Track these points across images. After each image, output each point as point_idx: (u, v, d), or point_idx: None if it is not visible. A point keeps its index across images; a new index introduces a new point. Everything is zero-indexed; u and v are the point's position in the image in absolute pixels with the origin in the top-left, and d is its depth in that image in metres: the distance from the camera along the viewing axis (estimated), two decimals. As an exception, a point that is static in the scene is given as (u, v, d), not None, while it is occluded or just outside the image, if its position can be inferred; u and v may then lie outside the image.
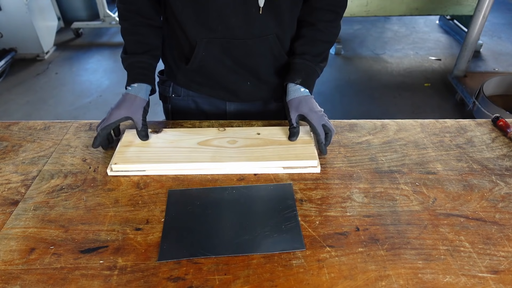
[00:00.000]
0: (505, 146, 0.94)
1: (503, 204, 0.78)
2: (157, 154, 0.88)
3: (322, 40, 0.95)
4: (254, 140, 0.92)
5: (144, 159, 0.86)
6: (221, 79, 1.00)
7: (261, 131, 0.95)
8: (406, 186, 0.82)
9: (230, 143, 0.91)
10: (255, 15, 0.86)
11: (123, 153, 0.88)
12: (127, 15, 0.93)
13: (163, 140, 0.92)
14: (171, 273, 0.65)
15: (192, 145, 0.90)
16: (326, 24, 0.94)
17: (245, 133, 0.94)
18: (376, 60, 3.57)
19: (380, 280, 0.63)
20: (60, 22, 4.04)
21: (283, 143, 0.91)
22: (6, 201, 0.79)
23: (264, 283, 0.63)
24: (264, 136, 0.93)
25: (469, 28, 2.78)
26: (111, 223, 0.74)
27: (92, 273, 0.65)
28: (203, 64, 0.96)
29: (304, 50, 0.94)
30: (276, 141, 0.91)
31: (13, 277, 0.64)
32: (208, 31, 0.89)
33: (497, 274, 0.64)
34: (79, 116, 2.78)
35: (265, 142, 0.91)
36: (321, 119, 0.88)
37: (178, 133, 0.94)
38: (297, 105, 0.90)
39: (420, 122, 1.03)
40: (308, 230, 0.72)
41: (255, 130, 0.95)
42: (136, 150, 0.89)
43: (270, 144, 0.91)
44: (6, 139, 0.98)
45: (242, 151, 0.88)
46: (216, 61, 0.95)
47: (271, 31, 0.91)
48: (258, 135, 0.93)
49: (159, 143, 0.91)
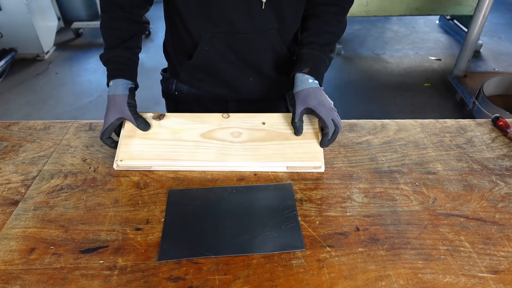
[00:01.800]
0: (505, 146, 0.94)
1: (503, 204, 0.78)
2: (160, 149, 0.87)
3: (328, 31, 0.92)
4: (258, 132, 0.89)
5: (149, 156, 0.86)
6: (223, 74, 1.00)
7: (266, 119, 0.91)
8: (406, 186, 0.82)
9: (234, 136, 0.88)
10: (258, 10, 0.86)
11: (127, 147, 0.87)
12: (108, 8, 0.90)
13: (165, 129, 0.90)
14: (171, 273, 0.65)
15: (195, 138, 0.88)
16: (332, 16, 0.92)
17: (250, 122, 0.90)
18: (376, 60, 3.57)
19: (380, 280, 0.63)
20: (60, 22, 4.04)
21: (288, 137, 0.88)
22: (6, 201, 0.80)
23: (264, 283, 0.63)
24: (269, 126, 0.90)
25: (469, 28, 2.78)
26: (111, 223, 0.74)
27: (92, 273, 0.65)
28: (206, 59, 0.96)
29: (311, 40, 0.91)
30: (282, 135, 0.88)
31: (13, 277, 0.64)
32: (211, 26, 0.89)
33: (497, 274, 0.64)
34: (79, 116, 2.78)
35: (270, 135, 0.88)
36: (330, 113, 0.84)
37: (181, 120, 0.91)
38: (304, 97, 0.85)
39: (420, 122, 1.03)
40: (308, 230, 0.72)
41: (260, 118, 0.91)
42: (139, 143, 0.88)
43: (275, 138, 0.88)
44: (6, 139, 0.98)
45: (246, 148, 0.87)
46: (219, 55, 0.95)
47: (273, 26, 0.91)
48: (263, 125, 0.90)
49: (162, 134, 0.89)
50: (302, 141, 0.87)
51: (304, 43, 0.93)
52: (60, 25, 4.07)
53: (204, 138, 0.88)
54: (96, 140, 0.97)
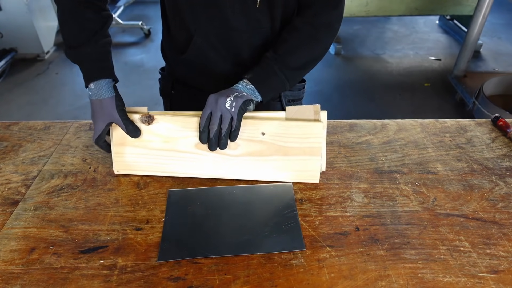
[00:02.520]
0: (505, 146, 0.94)
1: (503, 204, 0.78)
2: (153, 159, 0.85)
3: (295, 36, 0.86)
4: (257, 145, 0.82)
5: (143, 167, 0.85)
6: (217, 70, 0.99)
7: (266, 128, 0.82)
8: (406, 186, 0.82)
9: (231, 149, 0.83)
10: (252, 8, 0.85)
11: (120, 156, 0.85)
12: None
13: (157, 137, 0.84)
14: (171, 273, 0.65)
15: (189, 149, 0.83)
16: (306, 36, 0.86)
17: (248, 131, 0.82)
18: (376, 60, 3.57)
19: (380, 280, 0.63)
20: (60, 22, 4.04)
21: (288, 152, 0.82)
22: (6, 201, 0.80)
23: (264, 283, 0.63)
24: (269, 137, 0.82)
25: (469, 28, 2.78)
26: (111, 223, 0.74)
27: (92, 273, 0.65)
28: (199, 53, 0.95)
29: (274, 47, 0.87)
30: (281, 149, 0.82)
31: (13, 277, 0.64)
32: (207, 21, 0.89)
33: (497, 274, 0.64)
34: (79, 116, 2.78)
35: (269, 149, 0.82)
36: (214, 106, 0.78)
37: (172, 126, 0.83)
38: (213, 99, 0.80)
39: (420, 122, 1.03)
40: (308, 230, 0.73)
41: (260, 126, 0.82)
42: (132, 152, 0.85)
43: (274, 153, 0.82)
44: (6, 139, 0.98)
45: (243, 163, 0.83)
46: (213, 50, 0.94)
47: (266, 25, 0.90)
48: (263, 135, 0.82)
49: (154, 142, 0.84)
50: (302, 157, 0.82)
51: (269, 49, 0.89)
52: (60, 25, 4.07)
53: (198, 150, 0.83)
54: (96, 140, 0.97)
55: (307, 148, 0.82)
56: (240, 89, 0.82)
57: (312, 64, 0.90)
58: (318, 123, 0.81)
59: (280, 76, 0.85)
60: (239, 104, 0.78)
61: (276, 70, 0.84)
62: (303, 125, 0.81)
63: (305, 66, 0.89)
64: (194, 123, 0.83)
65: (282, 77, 0.85)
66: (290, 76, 0.86)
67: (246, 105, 0.80)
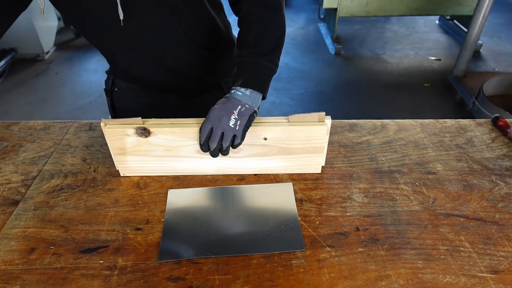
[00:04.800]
0: (505, 146, 0.94)
1: (503, 204, 0.78)
2: (158, 164, 0.84)
3: (253, 22, 0.82)
4: (260, 148, 0.82)
5: (148, 170, 0.85)
6: (150, 80, 0.99)
7: (267, 133, 0.80)
8: (406, 186, 0.82)
9: (234, 152, 0.82)
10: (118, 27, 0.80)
11: (123, 164, 0.84)
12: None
13: (157, 146, 0.81)
14: (171, 273, 0.65)
15: (192, 154, 0.82)
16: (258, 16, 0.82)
17: (250, 138, 0.80)
18: (376, 60, 3.57)
19: (380, 280, 0.63)
20: (60, 22, 4.03)
21: (291, 152, 0.82)
22: (6, 201, 0.80)
23: (264, 283, 0.63)
24: (272, 141, 0.81)
25: (469, 28, 2.78)
26: (111, 223, 0.74)
27: (92, 273, 0.65)
28: (127, 69, 0.96)
29: (242, 44, 0.83)
30: (284, 150, 0.82)
31: (13, 277, 0.64)
32: (119, 44, 0.89)
33: (497, 274, 0.64)
34: (79, 116, 2.78)
35: (272, 150, 0.82)
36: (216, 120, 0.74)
37: (172, 138, 0.80)
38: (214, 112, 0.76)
39: (420, 122, 1.03)
40: (308, 230, 0.73)
41: (262, 133, 0.80)
42: (133, 160, 0.83)
43: (278, 153, 0.83)
44: (7, 139, 0.98)
45: (247, 162, 0.84)
46: (140, 64, 0.94)
47: (176, 30, 0.87)
48: (265, 140, 0.81)
49: (155, 151, 0.82)
50: (305, 155, 0.83)
51: (237, 47, 0.86)
52: (60, 25, 4.07)
53: (201, 154, 0.83)
54: (96, 140, 0.97)
55: (310, 147, 0.82)
56: (241, 99, 0.77)
57: (284, 34, 0.85)
58: (322, 126, 0.79)
59: (267, 64, 0.81)
60: (244, 122, 0.75)
61: (261, 62, 0.81)
62: (306, 130, 0.80)
63: (280, 41, 0.85)
64: (193, 133, 0.79)
65: (268, 64, 0.82)
66: (274, 58, 0.83)
67: (251, 120, 0.77)
